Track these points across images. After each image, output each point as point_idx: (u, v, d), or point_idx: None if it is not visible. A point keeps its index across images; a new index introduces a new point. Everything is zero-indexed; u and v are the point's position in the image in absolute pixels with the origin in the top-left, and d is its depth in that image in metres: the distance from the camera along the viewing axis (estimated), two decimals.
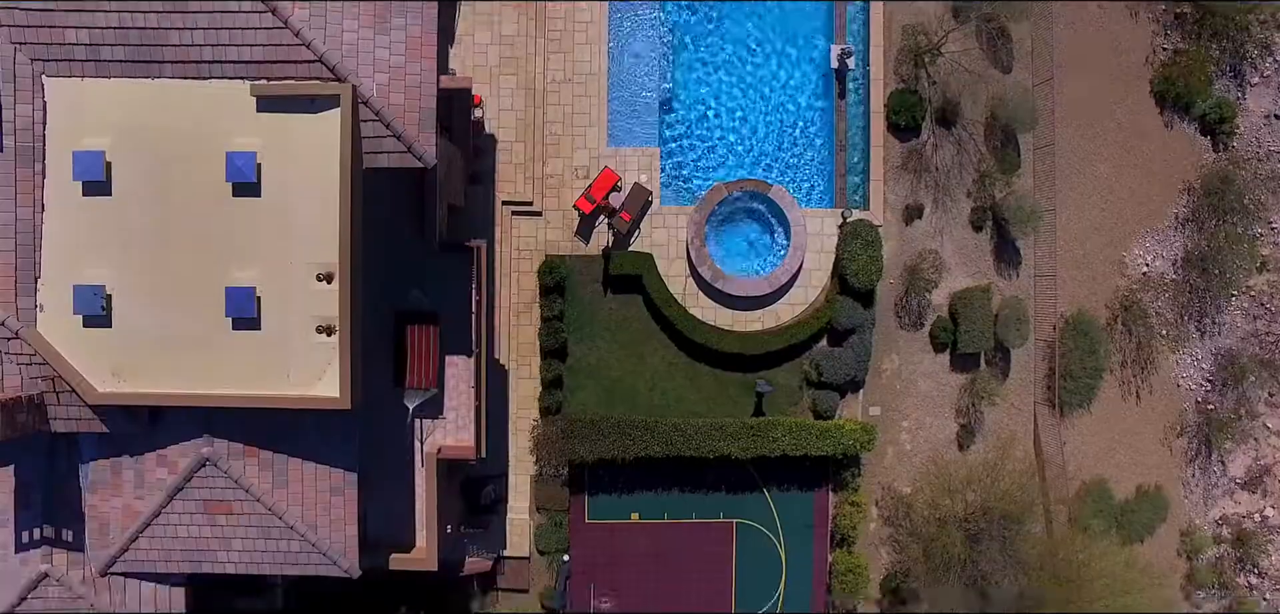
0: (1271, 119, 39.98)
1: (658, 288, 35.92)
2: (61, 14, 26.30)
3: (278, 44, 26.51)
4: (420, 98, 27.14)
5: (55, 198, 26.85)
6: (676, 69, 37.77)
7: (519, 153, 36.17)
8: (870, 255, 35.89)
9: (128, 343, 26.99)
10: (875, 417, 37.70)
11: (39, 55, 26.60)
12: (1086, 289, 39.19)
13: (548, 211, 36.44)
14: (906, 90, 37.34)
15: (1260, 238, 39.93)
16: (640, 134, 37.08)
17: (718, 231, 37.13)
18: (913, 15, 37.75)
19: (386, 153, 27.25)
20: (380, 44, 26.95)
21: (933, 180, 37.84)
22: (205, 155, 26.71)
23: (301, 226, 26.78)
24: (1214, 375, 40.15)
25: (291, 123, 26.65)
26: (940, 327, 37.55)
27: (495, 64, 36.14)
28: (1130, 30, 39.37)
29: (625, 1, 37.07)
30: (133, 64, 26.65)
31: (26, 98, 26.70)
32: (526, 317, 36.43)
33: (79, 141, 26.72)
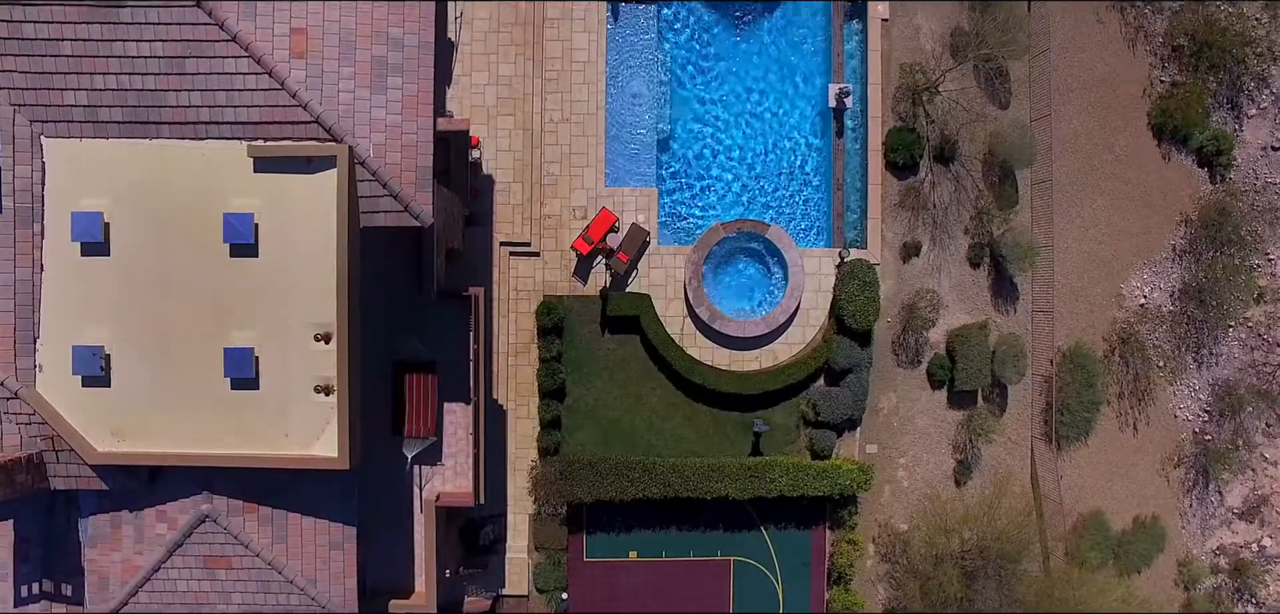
0: (1268, 150, 40.01)
1: (655, 329, 36.01)
2: (60, 76, 26.36)
3: (274, 105, 26.56)
4: (417, 156, 27.19)
5: (54, 258, 26.93)
6: (674, 108, 37.81)
7: (517, 193, 36.22)
8: (867, 296, 35.96)
9: (127, 403, 27.10)
10: (872, 454, 37.81)
11: (38, 116, 26.66)
12: (1084, 322, 39.26)
13: (546, 252, 36.52)
14: (904, 128, 37.38)
15: (1257, 269, 39.98)
16: (638, 173, 37.15)
17: (715, 271, 37.21)
18: (911, 54, 37.78)
19: (383, 212, 27.30)
20: (376, 103, 27.00)
21: (930, 217, 37.90)
22: (203, 215, 26.78)
23: (299, 286, 26.86)
24: (1211, 406, 40.24)
25: (288, 182, 26.71)
26: (937, 364, 37.63)
27: (493, 104, 36.18)
28: (1128, 63, 39.40)
29: (625, 36, 37.08)
30: (131, 124, 26.70)
31: (25, 159, 26.76)
32: (525, 356, 36.52)
33: (77, 202, 26.80)
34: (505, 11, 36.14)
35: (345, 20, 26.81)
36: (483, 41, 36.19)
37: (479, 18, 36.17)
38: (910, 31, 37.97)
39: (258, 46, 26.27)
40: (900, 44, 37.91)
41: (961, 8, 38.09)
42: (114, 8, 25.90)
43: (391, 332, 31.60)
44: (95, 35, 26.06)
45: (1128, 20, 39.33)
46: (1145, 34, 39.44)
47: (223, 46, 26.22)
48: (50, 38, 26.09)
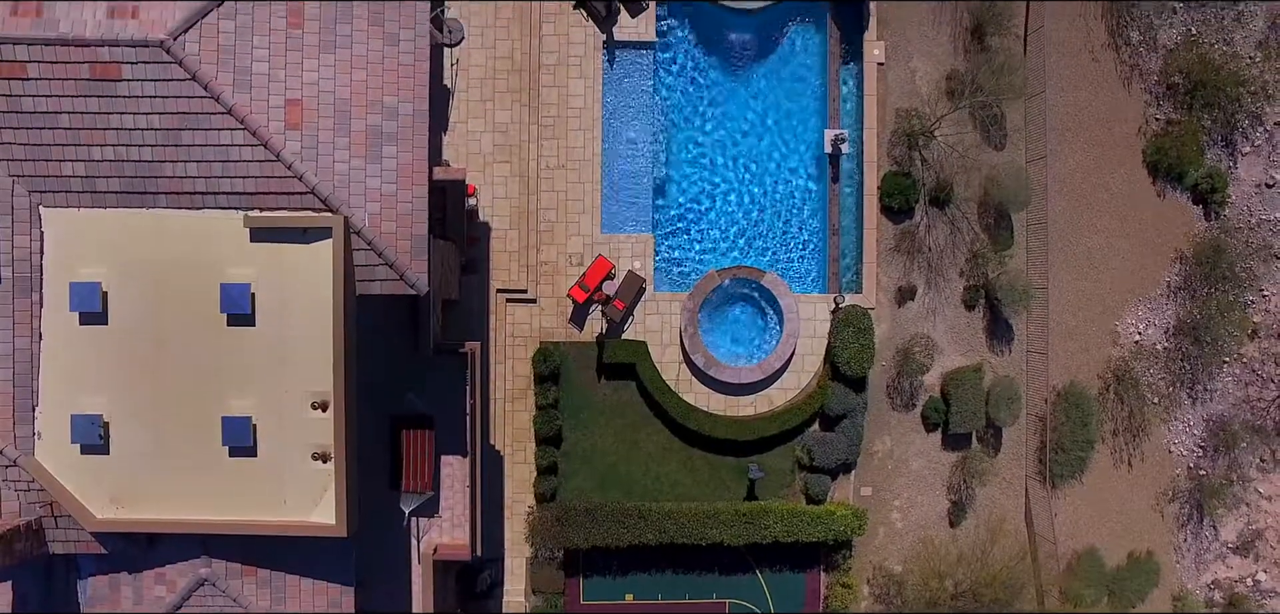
0: (1262, 187, 40.13)
1: (651, 376, 36.22)
2: (58, 147, 26.56)
3: (270, 176, 26.76)
4: (412, 225, 27.40)
5: (52, 327, 27.18)
6: (670, 153, 37.95)
7: (513, 240, 36.39)
8: (862, 343, 36.14)
9: (125, 470, 27.36)
10: (867, 497, 38.04)
11: (36, 187, 26.88)
12: (1079, 359, 39.43)
13: (542, 298, 36.69)
14: (900, 173, 37.50)
15: (1252, 305, 40.13)
16: (634, 219, 37.30)
17: (711, 318, 37.39)
18: (907, 98, 37.89)
19: (379, 280, 27.51)
20: (371, 173, 27.19)
21: (925, 261, 38.05)
22: (200, 285, 27.02)
23: (296, 355, 27.10)
24: (1206, 442, 40.43)
25: (285, 252, 26.95)
26: (932, 407, 37.83)
27: (489, 151, 36.32)
28: (1123, 101, 39.50)
29: (621, 81, 37.22)
30: (128, 195, 26.92)
31: (24, 229, 26.99)
32: (521, 402, 36.73)
33: (76, 271, 27.04)
34: (501, 58, 36.26)
35: (340, 90, 27.00)
36: (479, 88, 36.29)
37: (475, 65, 36.28)
38: (906, 75, 38.08)
39: (253, 119, 26.45)
40: (896, 88, 38.02)
41: (958, 50, 38.18)
42: (112, 82, 26.07)
43: (389, 387, 31.83)
44: (93, 108, 26.27)
45: (1123, 59, 39.41)
46: (1140, 72, 39.52)
47: (218, 118, 26.42)
48: (49, 111, 26.28)
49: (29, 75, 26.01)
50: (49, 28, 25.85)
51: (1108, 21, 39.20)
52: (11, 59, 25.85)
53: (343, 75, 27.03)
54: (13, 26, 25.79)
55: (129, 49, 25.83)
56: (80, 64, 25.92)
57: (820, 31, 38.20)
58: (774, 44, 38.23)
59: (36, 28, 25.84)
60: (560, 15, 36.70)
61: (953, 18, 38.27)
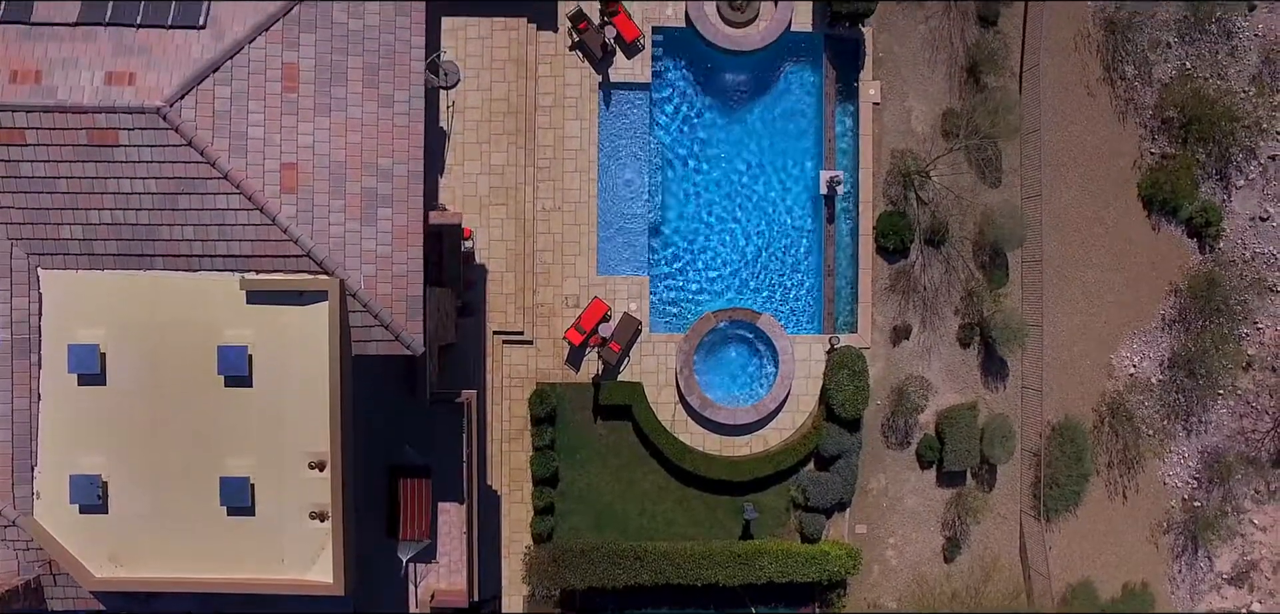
0: (1256, 221, 40.28)
1: (647, 417, 36.46)
2: (56, 211, 26.78)
3: (266, 239, 26.98)
4: (407, 287, 27.65)
5: (51, 388, 27.44)
6: (666, 194, 38.12)
7: (509, 282, 36.58)
8: (857, 386, 36.34)
9: (124, 529, 27.64)
10: (862, 535, 38.28)
11: (35, 249, 27.11)
12: (1074, 393, 39.63)
13: (539, 340, 36.90)
14: (895, 212, 37.66)
15: (1246, 338, 40.30)
16: (630, 261, 37.49)
17: (706, 359, 37.60)
18: (902, 137, 38.04)
19: (375, 341, 27.76)
20: (366, 235, 27.40)
21: (921, 300, 38.24)
22: (198, 346, 27.26)
23: (293, 416, 27.37)
24: (1200, 473, 40.65)
25: (281, 314, 27.19)
26: (926, 445, 38.06)
27: (485, 194, 36.49)
28: (1118, 136, 39.63)
29: (617, 123, 37.39)
30: (125, 257, 27.15)
31: (22, 291, 27.23)
32: (518, 443, 36.98)
33: (74, 332, 27.28)
34: (497, 100, 36.41)
35: (335, 153, 27.21)
36: (474, 131, 36.45)
37: (471, 107, 36.42)
38: (901, 114, 38.22)
39: (249, 184, 26.67)
40: (892, 127, 38.17)
41: (953, 89, 38.32)
42: (109, 147, 26.28)
43: (386, 435, 32.08)
44: (90, 173, 26.51)
45: (1118, 93, 39.54)
46: (1135, 106, 39.66)
47: (215, 183, 26.66)
48: (47, 176, 26.51)
49: (27, 141, 26.24)
50: (47, 95, 26.09)
51: (1103, 56, 39.33)
52: (10, 126, 26.08)
53: (338, 138, 27.23)
54: (11, 94, 26.02)
55: (126, 116, 26.06)
56: (78, 130, 26.16)
57: (816, 71, 38.33)
58: (769, 84, 38.38)
59: (35, 95, 26.08)
60: (556, 57, 36.85)
61: (948, 57, 38.40)
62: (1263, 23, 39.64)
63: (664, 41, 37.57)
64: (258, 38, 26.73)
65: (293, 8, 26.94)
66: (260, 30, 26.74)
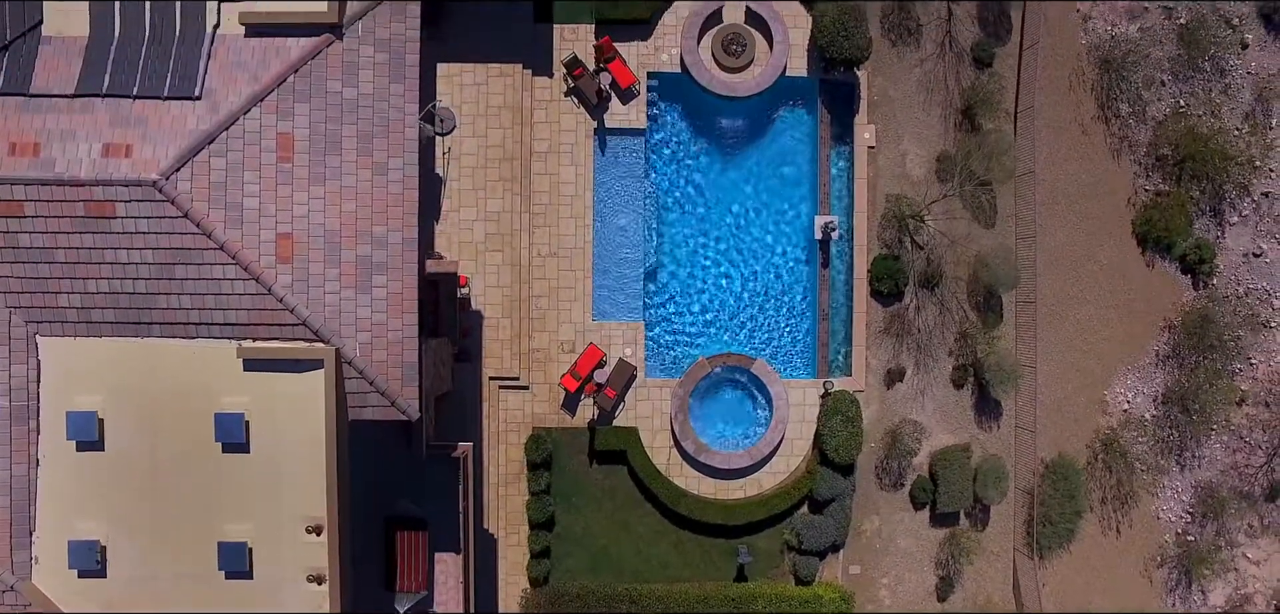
0: (1250, 257, 40.43)
1: (642, 463, 36.75)
2: (54, 281, 27.03)
3: (262, 308, 27.22)
4: (402, 353, 27.88)
5: (49, 454, 27.73)
6: (661, 239, 38.31)
7: (505, 328, 36.82)
8: (850, 431, 36.58)
9: (123, 593, 27.96)
10: (856, 576, 38.58)
11: (33, 317, 27.35)
12: (1067, 430, 39.86)
13: (535, 385, 37.16)
14: (890, 256, 37.87)
15: (1239, 373, 40.50)
16: (625, 306, 37.70)
17: (701, 403, 37.86)
18: (897, 180, 38.22)
19: (371, 407, 28.01)
20: (361, 303, 27.64)
21: (915, 342, 38.46)
22: (195, 412, 27.54)
23: (290, 481, 27.67)
24: (1194, 508, 40.88)
25: (278, 381, 27.46)
26: (920, 486, 38.33)
27: (481, 240, 36.70)
28: (1113, 173, 39.78)
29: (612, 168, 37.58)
30: (123, 325, 27.40)
31: (21, 358, 27.48)
32: (515, 486, 37.27)
33: (72, 398, 27.56)
34: (493, 146, 36.60)
35: (330, 222, 27.43)
36: (470, 177, 36.66)
37: (467, 153, 36.63)
38: (896, 158, 38.38)
39: (245, 254, 26.90)
40: (887, 170, 38.33)
41: (948, 131, 38.48)
42: (106, 219, 26.51)
43: (382, 487, 32.35)
44: (88, 244, 26.75)
45: (1113, 131, 39.67)
46: (1130, 144, 39.79)
47: (211, 254, 26.89)
48: (45, 246, 26.76)
49: (26, 213, 26.48)
50: (45, 168, 26.31)
51: (1098, 95, 39.46)
52: (9, 198, 26.29)
53: (332, 206, 27.44)
54: (10, 167, 26.26)
55: (123, 188, 26.28)
56: (75, 202, 26.39)
57: (810, 114, 38.48)
58: (764, 128, 38.55)
59: (33, 168, 26.31)
60: (551, 103, 37.02)
61: (943, 99, 38.56)
62: (1255, 61, 39.75)
63: (659, 87, 37.74)
64: (252, 108, 26.93)
65: (287, 77, 27.07)
66: (255, 101, 26.93)
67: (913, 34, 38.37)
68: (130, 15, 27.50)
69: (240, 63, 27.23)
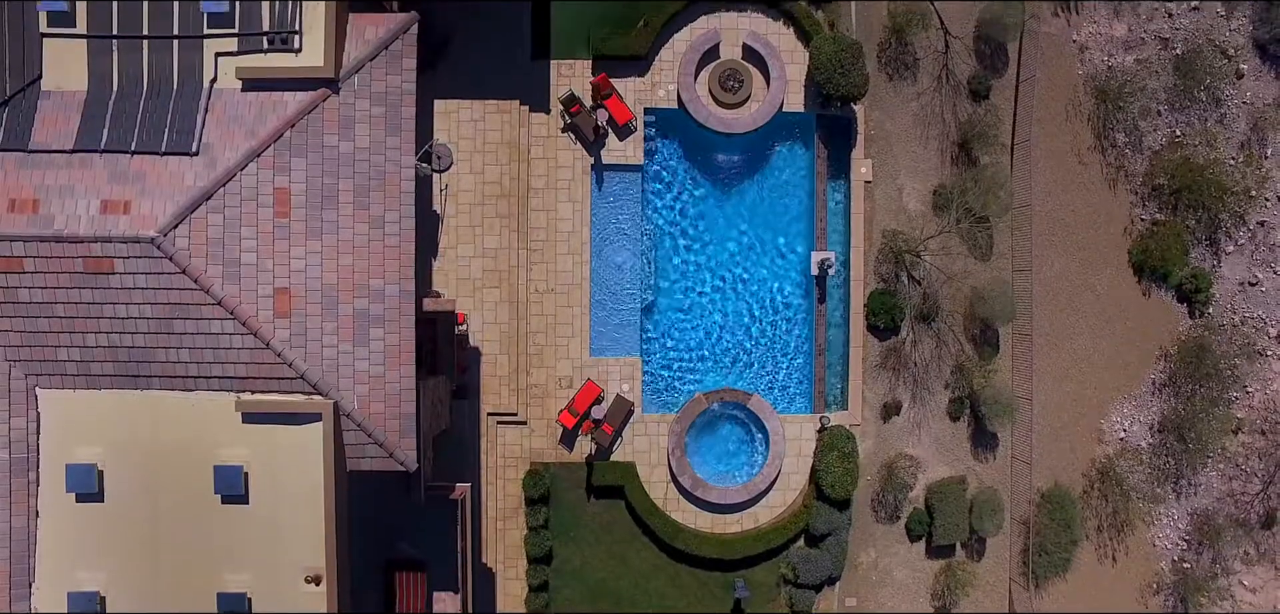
0: (1246, 285, 40.54)
1: (640, 498, 36.95)
2: (53, 335, 27.20)
3: (260, 362, 27.38)
4: (400, 405, 28.07)
5: (49, 505, 27.92)
6: (658, 275, 38.45)
7: (503, 365, 36.98)
8: (846, 467, 36.74)
9: None
10: (852, 607, 38.79)
11: (32, 370, 27.52)
12: (1063, 460, 40.01)
13: (532, 420, 37.32)
14: (886, 291, 38.00)
15: (1236, 401, 40.63)
16: (623, 342, 37.84)
17: (698, 438, 38.04)
18: (893, 214, 38.33)
19: (369, 458, 28.19)
20: (359, 356, 27.81)
21: (911, 376, 38.62)
22: (194, 464, 27.74)
23: (289, 531, 27.85)
24: (1190, 535, 41.04)
25: (277, 433, 27.65)
26: (916, 519, 38.52)
27: (479, 276, 36.83)
28: (1109, 203, 39.88)
29: (609, 204, 37.69)
30: (122, 378, 27.58)
31: (20, 410, 27.66)
32: (513, 520, 37.46)
33: (72, 451, 27.76)
34: (490, 183, 36.71)
35: (327, 276, 27.58)
36: (468, 214, 36.77)
37: (464, 190, 36.74)
38: (893, 192, 38.50)
39: (243, 309, 27.06)
40: (883, 205, 38.45)
41: (944, 165, 38.58)
42: (105, 275, 26.67)
43: (381, 529, 32.58)
44: (87, 299, 26.91)
45: (1109, 161, 39.76)
46: (1126, 173, 39.89)
47: (209, 309, 27.05)
48: (44, 301, 26.92)
49: (25, 269, 26.65)
50: (44, 224, 26.46)
51: (1094, 125, 39.55)
52: (9, 255, 26.45)
53: (330, 261, 27.59)
54: (10, 224, 26.40)
55: (121, 245, 26.41)
56: (74, 259, 26.52)
57: (808, 149, 38.58)
58: (761, 163, 38.65)
59: (32, 224, 26.46)
60: (549, 139, 37.12)
61: (940, 133, 38.65)
62: (1250, 90, 39.82)
63: (656, 122, 37.85)
64: (249, 164, 27.06)
65: (284, 132, 27.20)
66: (252, 156, 27.06)
67: (909, 68, 38.46)
68: (128, 69, 27.62)
69: (237, 117, 27.35)
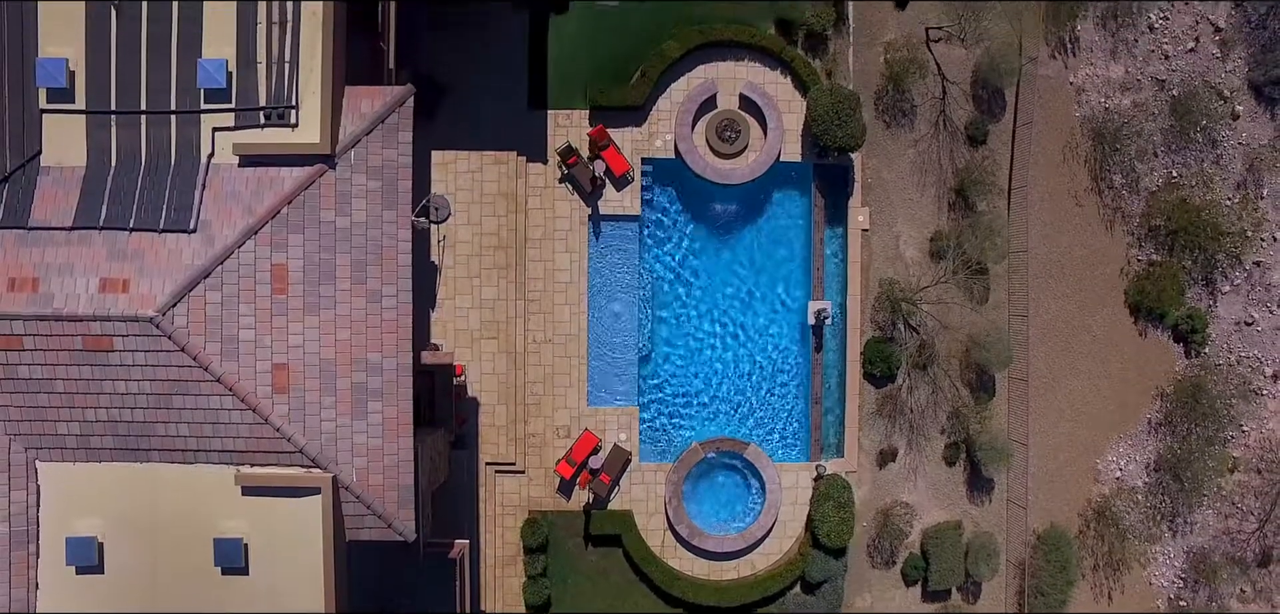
0: (1242, 325, 40.68)
1: (637, 546, 37.19)
2: (53, 410, 27.40)
3: (259, 436, 27.57)
4: (398, 476, 28.28)
5: (49, 578, 28.13)
6: (655, 324, 38.60)
7: (501, 415, 37.17)
8: (842, 518, 36.95)
9: None
10: None
11: (32, 444, 27.72)
12: (1059, 500, 40.20)
13: (531, 469, 37.53)
14: (883, 339, 38.15)
15: (1232, 440, 40.78)
16: (620, 392, 38.02)
17: (695, 486, 38.25)
18: (890, 262, 38.45)
19: (368, 528, 28.41)
20: (358, 429, 28.00)
21: (907, 422, 38.80)
22: (194, 536, 27.98)
23: (289, 603, 28.11)
24: (1186, 573, 41.24)
25: (276, 505, 27.87)
26: (912, 564, 38.75)
27: (476, 327, 36.99)
28: (1106, 244, 40.00)
29: (607, 254, 37.82)
30: (122, 451, 27.78)
31: (20, 484, 27.87)
32: (511, 567, 37.70)
33: (71, 523, 28.00)
34: (488, 234, 36.84)
35: (325, 351, 27.75)
36: (465, 265, 36.92)
37: (462, 241, 36.88)
38: (890, 239, 38.61)
39: (241, 386, 27.24)
40: (880, 253, 38.57)
41: (941, 211, 38.68)
42: (104, 352, 26.85)
43: (380, 584, 32.82)
44: (86, 376, 27.08)
45: (1106, 202, 39.86)
46: (1123, 214, 39.99)
47: (208, 386, 27.21)
48: (44, 378, 27.09)
49: (25, 347, 26.82)
50: (44, 303, 26.62)
51: (1091, 167, 39.64)
52: (8, 333, 26.62)
53: (327, 336, 27.76)
54: (10, 303, 26.57)
55: (120, 324, 26.56)
56: (73, 337, 26.69)
57: (805, 197, 38.67)
58: (758, 213, 38.75)
59: (32, 303, 26.63)
60: (546, 189, 37.23)
61: (937, 179, 38.74)
62: (1246, 131, 39.89)
63: (653, 172, 37.95)
64: (247, 242, 27.20)
65: (281, 209, 27.34)
66: (250, 234, 27.20)
67: (907, 115, 38.54)
68: (126, 144, 27.75)
69: (234, 193, 27.48)
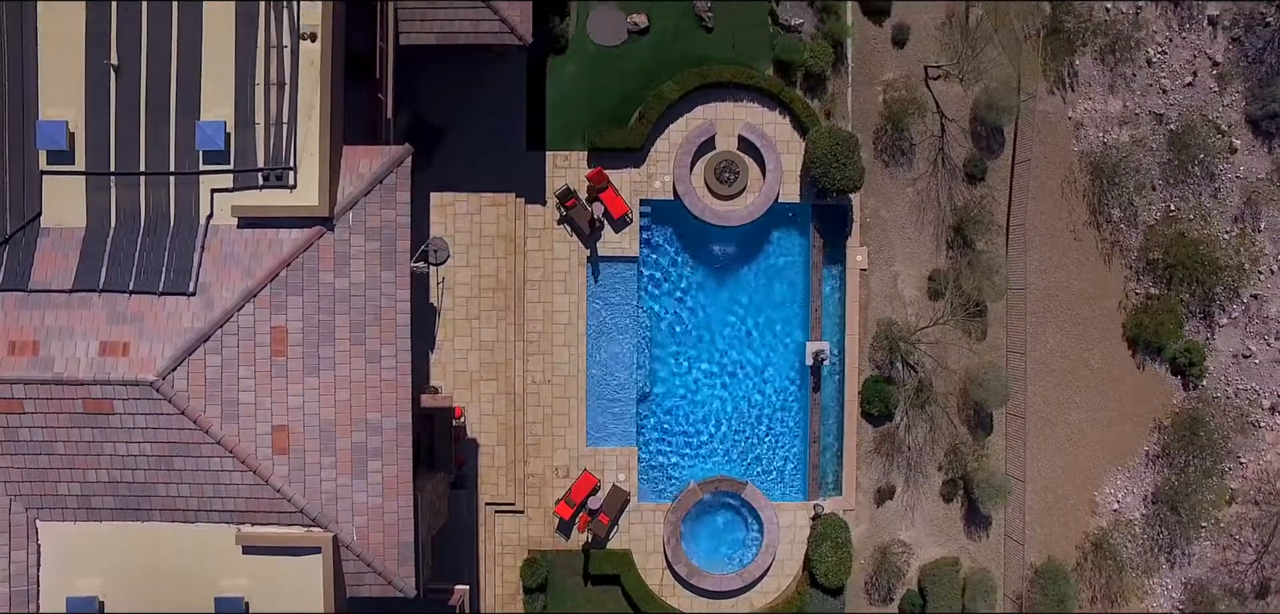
0: (1239, 358, 40.80)
1: (636, 586, 37.36)
2: (54, 471, 27.54)
3: (259, 496, 27.73)
4: (398, 533, 28.45)
5: None
6: (654, 364, 38.71)
7: (500, 455, 37.31)
8: (839, 557, 37.12)
9: None
10: None
11: (33, 505, 27.87)
12: (1057, 533, 40.35)
13: (530, 509, 37.69)
14: (881, 378, 38.27)
15: (1230, 472, 40.91)
16: (618, 432, 38.14)
17: (693, 525, 38.41)
18: (888, 302, 38.55)
19: (368, 585, 28.58)
20: (358, 488, 28.15)
21: (905, 460, 38.95)
22: (195, 595, 28.15)
23: None
24: (1184, 605, 41.39)
25: (277, 564, 28.04)
26: (909, 602, 38.91)
27: (475, 369, 37.10)
28: (1104, 277, 40.09)
29: (605, 295, 37.92)
30: (123, 512, 27.94)
31: (21, 544, 28.03)
32: (511, 605, 37.87)
33: (72, 582, 28.16)
34: (487, 276, 36.94)
35: (324, 412, 27.88)
36: (464, 307, 37.02)
37: (461, 283, 36.97)
38: (888, 279, 38.70)
39: (242, 448, 27.39)
40: (878, 292, 38.66)
41: (939, 250, 38.77)
42: (104, 415, 26.98)
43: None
44: (87, 437, 27.25)
45: (1104, 236, 39.93)
46: (1121, 248, 40.07)
47: (208, 448, 27.35)
48: (45, 440, 27.24)
49: (25, 410, 26.96)
50: (44, 367, 26.76)
51: (1089, 201, 39.71)
52: (9, 397, 26.76)
53: (326, 397, 27.88)
54: (10, 367, 26.71)
55: (120, 388, 26.69)
56: (74, 400, 26.83)
57: (803, 238, 38.74)
58: (757, 251, 38.83)
59: (32, 367, 26.77)
60: (545, 231, 37.31)
61: (936, 218, 38.82)
62: (1244, 165, 39.96)
63: (652, 213, 38.02)
64: (246, 304, 27.31)
65: (280, 271, 27.44)
66: (249, 297, 27.31)
67: (905, 153, 38.60)
68: (125, 205, 27.84)
69: (233, 255, 27.59)
